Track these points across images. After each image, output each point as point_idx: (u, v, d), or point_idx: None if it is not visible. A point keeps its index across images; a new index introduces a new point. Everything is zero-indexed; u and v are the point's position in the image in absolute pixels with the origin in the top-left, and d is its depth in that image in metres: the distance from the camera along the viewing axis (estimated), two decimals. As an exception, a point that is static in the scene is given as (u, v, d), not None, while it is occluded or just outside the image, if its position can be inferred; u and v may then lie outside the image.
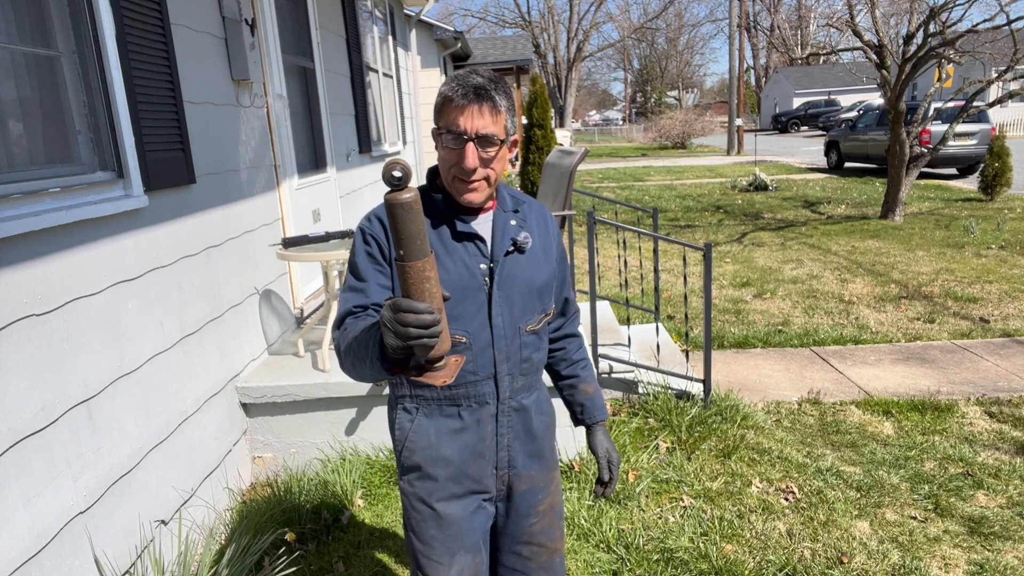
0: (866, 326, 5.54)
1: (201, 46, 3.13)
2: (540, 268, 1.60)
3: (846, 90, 41.43)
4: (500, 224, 1.56)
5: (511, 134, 1.52)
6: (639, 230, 4.00)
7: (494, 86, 1.46)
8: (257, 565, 2.59)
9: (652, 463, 3.33)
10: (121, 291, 2.39)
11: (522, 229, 1.58)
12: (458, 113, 1.44)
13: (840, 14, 21.45)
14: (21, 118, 2.14)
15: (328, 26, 5.30)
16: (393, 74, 8.11)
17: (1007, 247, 8.05)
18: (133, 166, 2.47)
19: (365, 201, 6.13)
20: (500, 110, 1.45)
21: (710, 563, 2.60)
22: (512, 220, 1.58)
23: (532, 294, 1.58)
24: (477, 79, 1.46)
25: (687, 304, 4.64)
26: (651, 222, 4.93)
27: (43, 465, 1.97)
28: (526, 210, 1.63)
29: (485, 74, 1.48)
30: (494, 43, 20.43)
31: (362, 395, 3.26)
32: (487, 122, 1.44)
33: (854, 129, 17.19)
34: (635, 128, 45.59)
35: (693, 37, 65.78)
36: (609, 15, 62.56)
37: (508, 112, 1.48)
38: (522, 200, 1.65)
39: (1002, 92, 11.29)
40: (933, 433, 3.73)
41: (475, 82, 1.45)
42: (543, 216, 1.67)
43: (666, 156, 27.11)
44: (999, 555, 2.67)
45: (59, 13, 2.25)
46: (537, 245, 1.61)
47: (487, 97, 1.43)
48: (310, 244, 3.51)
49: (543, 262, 1.61)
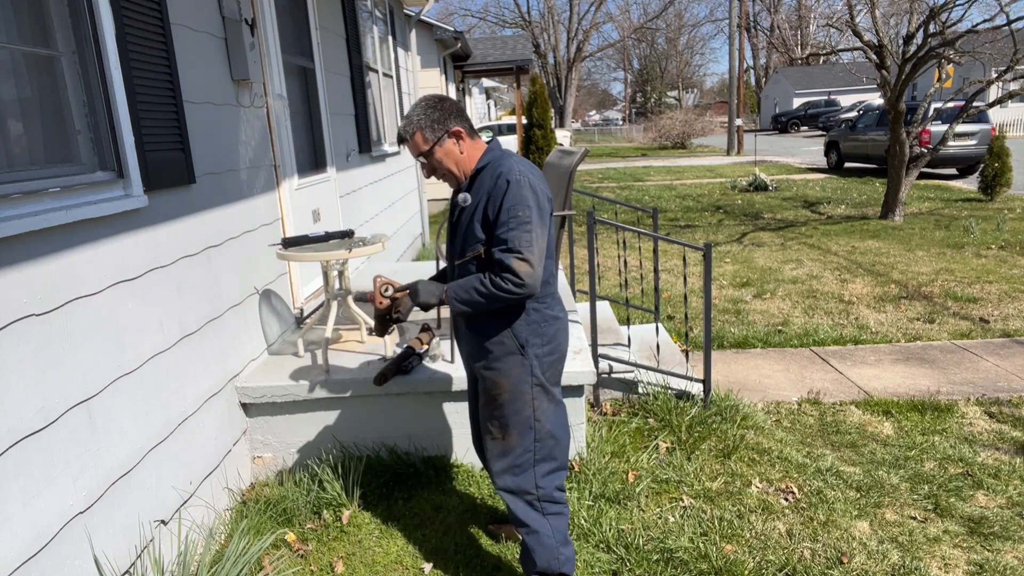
0: (866, 326, 5.54)
1: (201, 46, 3.13)
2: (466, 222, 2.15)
3: (846, 90, 41.42)
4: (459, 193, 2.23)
5: (436, 138, 2.15)
6: (639, 230, 4.00)
7: (405, 126, 2.16)
8: (257, 565, 2.59)
9: (652, 463, 3.33)
10: (121, 291, 2.39)
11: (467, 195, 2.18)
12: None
13: (840, 14, 21.43)
14: (21, 118, 2.14)
15: (328, 26, 5.30)
16: (393, 74, 8.11)
17: (1007, 247, 8.05)
18: (133, 166, 2.47)
19: (365, 201, 6.13)
20: (411, 137, 2.16)
21: (710, 563, 2.60)
22: (463, 191, 2.21)
23: (460, 238, 2.19)
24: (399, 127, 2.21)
25: (687, 304, 4.64)
26: (651, 222, 4.93)
27: (43, 465, 1.97)
28: (477, 183, 2.17)
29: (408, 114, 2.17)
30: (494, 43, 20.42)
31: (362, 395, 3.26)
32: (412, 148, 2.19)
33: (854, 129, 17.19)
34: (635, 128, 45.55)
35: (693, 37, 65.79)
36: (609, 15, 62.58)
37: (421, 130, 2.14)
38: (481, 174, 2.17)
39: (1002, 92, 11.28)
40: (933, 433, 3.73)
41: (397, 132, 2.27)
42: (491, 186, 2.10)
43: (666, 156, 27.11)
44: (999, 555, 2.67)
45: (59, 13, 2.25)
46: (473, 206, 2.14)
47: (401, 139, 2.20)
48: (310, 244, 3.51)
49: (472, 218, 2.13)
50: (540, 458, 2.26)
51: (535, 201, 2.06)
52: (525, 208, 2.03)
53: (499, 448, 2.27)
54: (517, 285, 2.01)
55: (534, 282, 2.03)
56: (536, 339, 2.19)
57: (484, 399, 2.27)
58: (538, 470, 2.26)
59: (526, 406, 2.21)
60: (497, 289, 2.03)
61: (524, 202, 2.04)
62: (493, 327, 2.19)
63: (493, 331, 2.19)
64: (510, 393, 2.20)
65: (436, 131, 2.14)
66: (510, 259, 2.01)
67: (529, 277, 2.02)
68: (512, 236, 2.02)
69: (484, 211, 2.09)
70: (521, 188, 2.04)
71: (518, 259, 2.01)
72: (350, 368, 3.39)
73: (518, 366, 2.18)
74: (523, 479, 2.25)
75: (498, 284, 2.03)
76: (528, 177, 2.08)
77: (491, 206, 2.07)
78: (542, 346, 2.20)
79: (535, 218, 2.04)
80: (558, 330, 2.25)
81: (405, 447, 3.34)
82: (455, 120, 2.16)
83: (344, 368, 3.39)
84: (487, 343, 2.20)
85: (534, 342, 2.19)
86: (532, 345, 2.18)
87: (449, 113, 2.16)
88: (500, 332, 2.18)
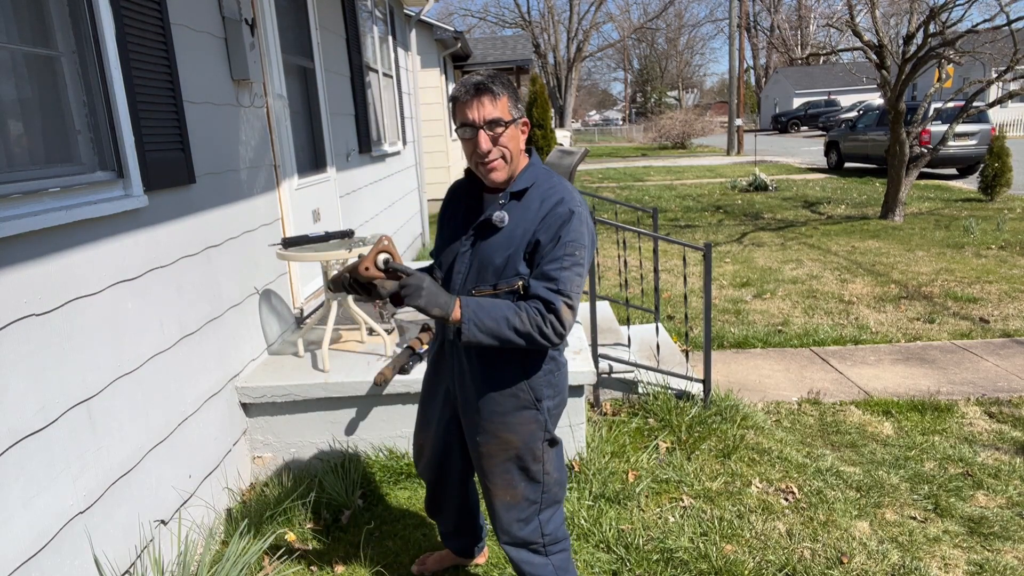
0: (866, 326, 5.54)
1: (201, 46, 3.13)
2: (502, 249, 1.82)
3: (846, 90, 41.42)
4: (492, 205, 1.88)
5: (517, 117, 1.82)
6: (639, 230, 4.00)
7: (491, 80, 1.77)
8: (257, 565, 2.59)
9: (652, 463, 3.33)
10: (121, 291, 2.39)
11: (504, 215, 1.83)
12: (466, 108, 1.78)
13: (840, 14, 21.42)
14: (21, 118, 2.13)
15: (328, 26, 5.30)
16: (393, 74, 8.11)
17: (1007, 247, 8.05)
18: (133, 166, 2.47)
19: (365, 201, 6.13)
20: (499, 96, 1.77)
21: (710, 563, 2.60)
22: (501, 200, 1.85)
23: (487, 263, 1.84)
24: (476, 78, 1.78)
25: (687, 304, 4.64)
26: (651, 222, 4.93)
27: (43, 465, 1.97)
28: (522, 204, 1.84)
29: (484, 72, 1.79)
30: (494, 43, 20.42)
31: (362, 395, 3.26)
32: (489, 109, 1.76)
33: (854, 129, 17.19)
34: (635, 128, 45.57)
35: (693, 37, 65.77)
36: (609, 15, 62.51)
37: (510, 97, 1.79)
38: (528, 194, 1.85)
39: (1002, 92, 11.28)
40: (933, 433, 3.73)
41: (474, 80, 1.77)
42: (545, 212, 1.80)
43: (666, 156, 27.11)
44: (999, 555, 2.67)
45: (59, 13, 2.25)
46: (518, 231, 1.81)
47: (486, 89, 1.76)
48: (310, 244, 3.51)
49: (515, 246, 1.81)
50: (546, 507, 2.08)
51: (590, 241, 1.85)
52: (582, 248, 1.79)
53: (501, 504, 2.04)
54: (558, 334, 1.77)
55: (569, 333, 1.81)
56: (549, 390, 1.97)
57: (484, 452, 1.99)
58: (543, 517, 2.07)
59: (536, 461, 1.98)
60: (538, 332, 1.74)
61: (582, 241, 1.79)
62: (509, 374, 1.90)
63: (509, 379, 1.90)
64: (519, 451, 1.96)
65: (518, 109, 1.84)
66: (559, 302, 1.75)
67: (570, 327, 1.78)
68: (564, 276, 1.76)
69: (532, 241, 1.79)
70: (582, 224, 1.80)
71: (567, 304, 1.76)
72: (350, 368, 3.39)
73: (532, 422, 1.94)
74: (530, 531, 2.06)
75: (540, 327, 1.74)
76: (587, 212, 1.85)
77: (543, 234, 1.78)
78: (553, 398, 1.99)
79: (587, 262, 1.83)
80: (565, 377, 2.05)
81: (404, 447, 3.34)
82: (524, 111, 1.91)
83: (344, 368, 3.39)
84: (496, 392, 1.92)
85: (547, 393, 1.96)
86: (547, 398, 1.96)
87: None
88: (516, 383, 1.90)
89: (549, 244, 1.78)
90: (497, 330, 1.73)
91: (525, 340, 1.76)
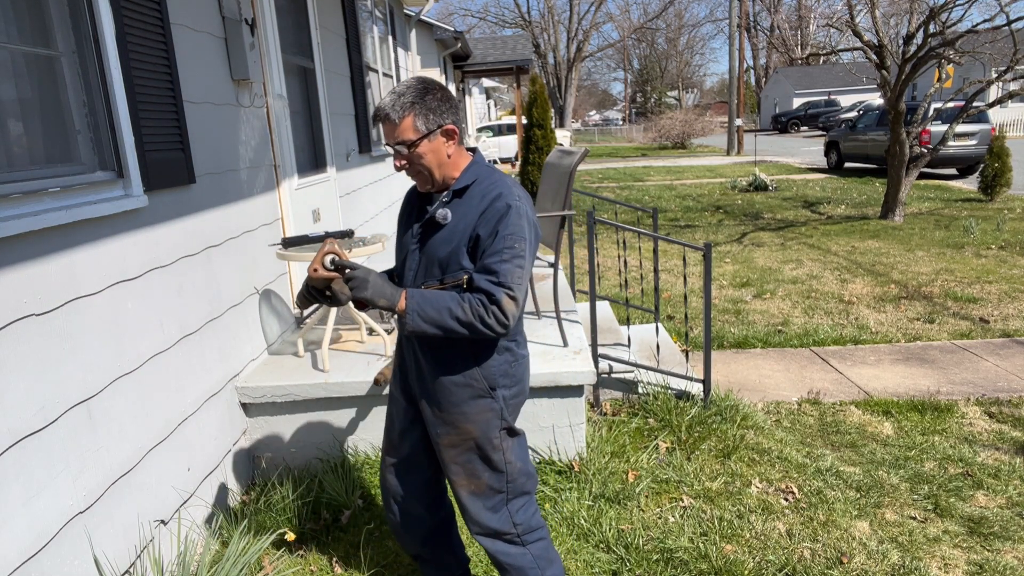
0: (866, 326, 5.54)
1: (201, 46, 3.13)
2: (446, 245, 1.89)
3: (846, 90, 41.43)
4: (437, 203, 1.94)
5: (432, 129, 1.83)
6: (639, 230, 4.00)
7: (392, 104, 1.81)
8: (257, 565, 2.59)
9: (652, 463, 3.33)
10: (121, 291, 2.39)
11: (447, 212, 1.90)
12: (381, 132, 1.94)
13: (840, 14, 21.44)
14: (21, 118, 2.14)
15: (328, 26, 5.30)
16: (393, 74, 8.11)
17: (1007, 247, 8.05)
18: (133, 166, 2.47)
19: (365, 201, 6.13)
20: (401, 119, 1.80)
21: (710, 563, 2.60)
22: (444, 198, 1.93)
23: (432, 260, 1.91)
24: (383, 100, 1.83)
25: (687, 304, 4.64)
26: (651, 222, 4.94)
27: (42, 465, 1.97)
28: (464, 201, 1.91)
29: (398, 89, 1.83)
30: (494, 43, 20.43)
31: (361, 395, 3.26)
32: (392, 134, 1.83)
33: (854, 129, 17.19)
34: (635, 128, 45.56)
35: (693, 37, 65.78)
36: (609, 15, 62.58)
37: (417, 114, 1.81)
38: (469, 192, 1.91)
39: (1002, 92, 11.29)
40: (933, 433, 3.73)
41: (378, 105, 1.83)
42: (484, 207, 1.87)
43: (666, 156, 27.11)
44: (999, 555, 2.67)
45: (59, 13, 2.25)
46: (460, 228, 1.88)
47: (384, 118, 1.82)
48: (310, 244, 3.51)
49: (457, 242, 1.87)
50: (513, 496, 2.09)
51: (531, 235, 1.89)
52: (521, 241, 1.85)
53: (467, 493, 2.07)
54: (501, 324, 1.82)
55: (514, 323, 1.85)
56: (506, 380, 2.00)
57: (444, 443, 2.04)
58: (512, 507, 2.09)
59: (495, 451, 2.02)
60: (480, 322, 1.81)
61: (521, 234, 1.85)
62: (459, 363, 1.95)
63: (459, 367, 1.95)
64: (476, 440, 2.00)
65: (430, 122, 1.83)
66: (500, 294, 1.81)
67: (513, 317, 1.83)
68: (505, 269, 1.82)
69: (472, 236, 1.87)
70: (521, 217, 1.85)
71: (508, 296, 1.81)
72: (350, 368, 3.39)
73: (487, 410, 1.98)
74: (500, 521, 2.08)
75: (482, 317, 1.81)
76: (527, 207, 1.91)
77: (483, 228, 1.85)
78: (510, 387, 2.02)
79: (528, 254, 1.87)
80: (524, 369, 2.07)
81: (405, 447, 3.34)
82: (452, 115, 1.88)
83: (344, 368, 3.39)
84: (449, 382, 1.97)
85: (503, 383, 1.99)
86: (502, 387, 1.99)
87: (448, 105, 1.87)
88: (467, 371, 1.96)
89: (489, 238, 1.84)
90: (440, 319, 1.81)
91: (468, 330, 1.82)
